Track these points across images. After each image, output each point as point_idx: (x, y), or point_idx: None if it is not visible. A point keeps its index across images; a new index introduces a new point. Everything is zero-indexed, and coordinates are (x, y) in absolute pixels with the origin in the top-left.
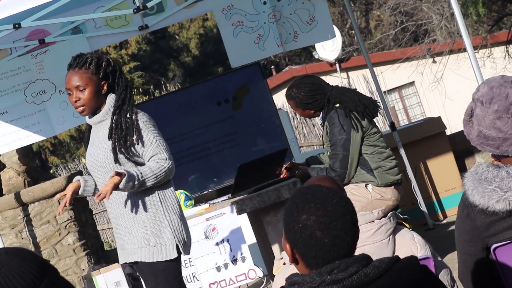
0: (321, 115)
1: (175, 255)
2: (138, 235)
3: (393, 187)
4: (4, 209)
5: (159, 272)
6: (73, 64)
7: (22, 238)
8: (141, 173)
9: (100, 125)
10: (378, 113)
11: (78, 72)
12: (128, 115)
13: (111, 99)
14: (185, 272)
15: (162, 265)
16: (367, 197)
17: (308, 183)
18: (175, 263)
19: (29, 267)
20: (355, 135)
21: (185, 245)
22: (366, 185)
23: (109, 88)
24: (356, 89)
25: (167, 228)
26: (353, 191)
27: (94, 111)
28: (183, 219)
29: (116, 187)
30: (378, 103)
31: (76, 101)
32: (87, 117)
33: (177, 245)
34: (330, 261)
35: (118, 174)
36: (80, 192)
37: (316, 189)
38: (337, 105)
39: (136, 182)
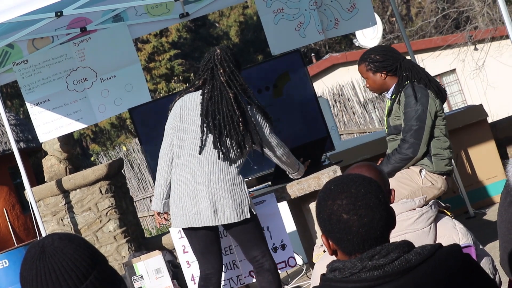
0: (391, 89)
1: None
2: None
3: (444, 176)
4: (45, 196)
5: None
6: None
7: (64, 225)
8: None
9: None
10: (446, 99)
11: None
12: None
13: None
14: (225, 259)
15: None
16: (418, 183)
17: (348, 171)
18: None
19: (83, 255)
20: (432, 108)
21: None
22: (420, 171)
23: None
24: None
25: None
26: (405, 174)
27: None
28: None
29: None
30: (444, 88)
31: None
32: None
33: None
34: (364, 244)
35: None
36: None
37: (341, 177)
38: (409, 80)
39: None
